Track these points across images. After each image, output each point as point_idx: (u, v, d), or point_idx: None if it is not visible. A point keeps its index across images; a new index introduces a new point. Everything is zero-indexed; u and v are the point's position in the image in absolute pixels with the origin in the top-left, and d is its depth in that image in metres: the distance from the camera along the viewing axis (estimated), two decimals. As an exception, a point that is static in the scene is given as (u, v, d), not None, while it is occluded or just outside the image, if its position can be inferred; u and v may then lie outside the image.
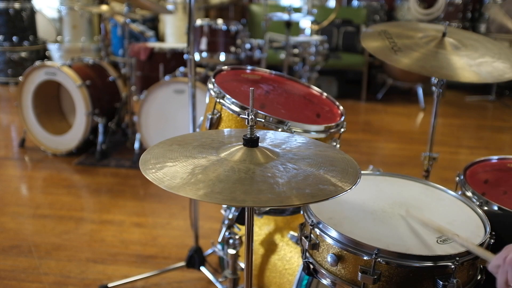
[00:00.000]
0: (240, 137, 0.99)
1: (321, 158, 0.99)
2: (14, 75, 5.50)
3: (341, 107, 1.57)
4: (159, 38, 6.14)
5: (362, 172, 1.39)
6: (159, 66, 3.63)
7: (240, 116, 1.36)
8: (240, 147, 0.96)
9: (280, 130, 1.31)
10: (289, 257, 1.60)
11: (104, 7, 4.08)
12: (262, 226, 1.74)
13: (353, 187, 0.89)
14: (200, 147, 1.00)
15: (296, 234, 1.61)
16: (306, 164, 0.95)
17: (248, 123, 0.96)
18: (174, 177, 0.87)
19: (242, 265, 1.62)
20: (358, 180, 0.91)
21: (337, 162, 0.98)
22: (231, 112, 1.39)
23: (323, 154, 1.02)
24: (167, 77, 3.21)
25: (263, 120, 1.31)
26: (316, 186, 0.87)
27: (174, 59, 3.66)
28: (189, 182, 0.85)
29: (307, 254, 1.14)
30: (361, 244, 1.01)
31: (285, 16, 3.69)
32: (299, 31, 5.11)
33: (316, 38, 4.24)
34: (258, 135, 0.97)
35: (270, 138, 1.08)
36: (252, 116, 0.95)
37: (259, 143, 0.98)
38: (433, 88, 1.73)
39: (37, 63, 3.36)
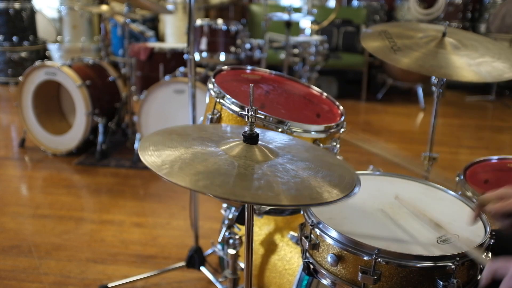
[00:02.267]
0: (239, 134, 0.99)
1: (319, 161, 0.99)
2: (14, 75, 5.50)
3: (341, 107, 1.57)
4: (159, 38, 6.15)
5: (362, 172, 1.40)
6: (159, 66, 3.63)
7: (240, 112, 1.36)
8: (239, 143, 0.96)
9: (280, 130, 1.31)
10: (289, 257, 1.60)
11: (104, 7, 4.09)
12: (262, 226, 1.74)
13: (351, 194, 0.89)
14: (200, 139, 1.00)
15: (296, 234, 1.60)
16: (304, 166, 0.95)
17: (248, 120, 0.96)
18: (173, 166, 0.87)
19: (242, 265, 1.62)
20: (358, 188, 0.92)
21: (335, 167, 0.99)
22: (231, 112, 1.39)
23: (322, 159, 1.02)
24: (167, 77, 3.21)
25: (262, 117, 1.31)
26: (314, 189, 0.87)
27: (174, 59, 3.66)
28: (189, 173, 0.85)
29: (307, 254, 1.14)
30: (361, 244, 1.01)
31: (285, 16, 3.69)
32: (299, 31, 5.11)
33: (316, 38, 4.25)
34: (257, 132, 0.97)
35: (270, 138, 1.08)
36: (252, 113, 0.95)
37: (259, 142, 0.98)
38: (433, 88, 1.73)
39: (37, 63, 3.36)
